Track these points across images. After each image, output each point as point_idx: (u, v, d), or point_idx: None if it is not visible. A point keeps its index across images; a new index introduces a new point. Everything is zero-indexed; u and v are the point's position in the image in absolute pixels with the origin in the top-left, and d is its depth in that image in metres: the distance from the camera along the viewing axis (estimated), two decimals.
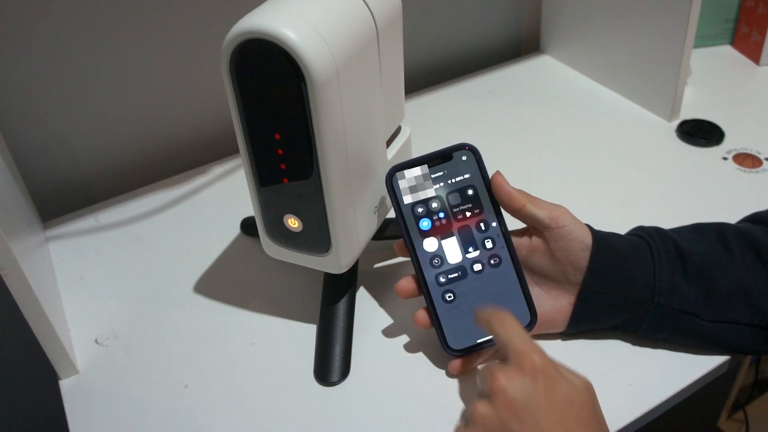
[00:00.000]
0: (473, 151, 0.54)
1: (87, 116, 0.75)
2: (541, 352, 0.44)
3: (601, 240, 0.52)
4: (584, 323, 0.54)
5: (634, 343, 0.55)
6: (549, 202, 0.53)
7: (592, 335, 0.56)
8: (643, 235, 0.54)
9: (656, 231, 0.55)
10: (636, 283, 0.52)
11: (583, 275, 0.52)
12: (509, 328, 0.46)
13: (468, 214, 0.54)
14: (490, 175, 0.54)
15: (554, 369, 0.44)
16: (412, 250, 0.54)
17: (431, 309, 0.53)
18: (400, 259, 0.66)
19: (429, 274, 0.54)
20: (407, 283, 0.54)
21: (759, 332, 0.52)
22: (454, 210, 0.54)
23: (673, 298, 0.51)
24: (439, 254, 0.54)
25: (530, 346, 0.44)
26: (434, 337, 0.54)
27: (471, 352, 0.54)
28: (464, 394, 0.53)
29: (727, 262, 0.52)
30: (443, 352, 0.53)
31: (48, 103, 0.73)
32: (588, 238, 0.52)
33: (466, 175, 0.54)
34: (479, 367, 0.54)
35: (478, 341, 0.53)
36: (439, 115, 0.88)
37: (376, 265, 0.65)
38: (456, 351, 0.53)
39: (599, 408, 0.45)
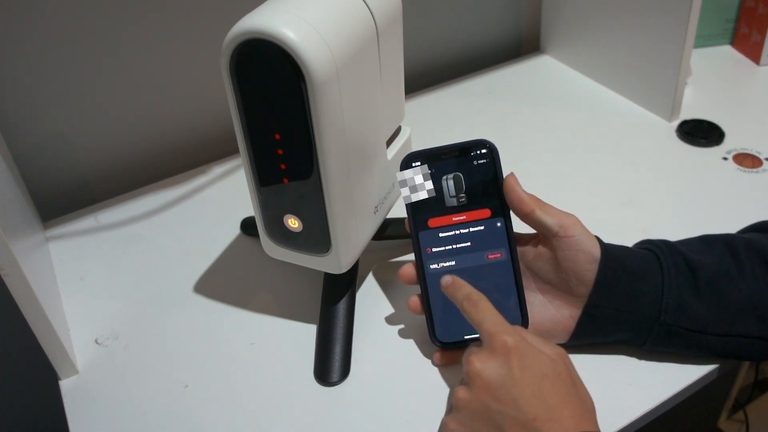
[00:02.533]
0: (491, 149, 0.54)
1: (87, 116, 0.75)
2: (513, 331, 0.46)
3: (610, 254, 0.51)
4: (587, 337, 0.53)
5: None
6: (560, 210, 0.52)
7: None
8: (653, 249, 0.53)
9: (665, 244, 0.54)
10: (643, 300, 0.51)
11: (588, 288, 0.51)
12: (480, 310, 0.48)
13: (476, 210, 0.54)
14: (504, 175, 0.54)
15: (526, 346, 0.45)
16: (415, 237, 0.54)
17: (425, 298, 0.54)
18: (401, 258, 0.66)
19: (427, 264, 0.54)
20: (410, 269, 0.55)
21: (766, 344, 0.51)
22: (463, 205, 0.54)
23: (680, 316, 0.51)
24: (440, 246, 0.54)
25: (501, 327, 0.46)
26: None
27: (457, 346, 0.54)
28: None
29: (737, 275, 0.51)
30: (430, 342, 0.54)
31: (48, 103, 0.73)
32: (596, 251, 0.51)
33: (481, 172, 0.54)
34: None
35: (466, 337, 0.53)
36: (439, 115, 0.88)
37: (376, 265, 0.65)
38: (442, 343, 0.54)
39: (576, 374, 0.46)
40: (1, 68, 0.68)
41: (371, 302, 0.62)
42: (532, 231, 0.54)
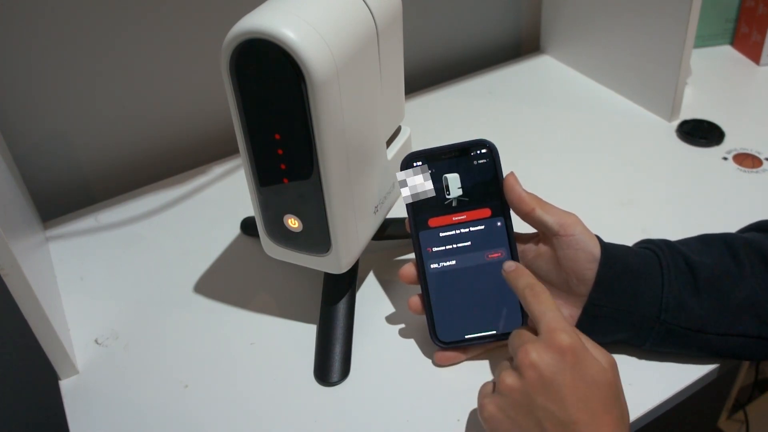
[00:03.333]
0: (491, 149, 0.54)
1: (87, 116, 0.75)
2: (572, 330, 0.45)
3: (610, 253, 0.51)
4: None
5: None
6: (560, 209, 0.52)
7: None
8: (653, 248, 0.53)
9: (665, 243, 0.54)
10: (643, 299, 0.51)
11: (588, 288, 0.51)
12: (542, 302, 0.47)
13: (476, 210, 0.54)
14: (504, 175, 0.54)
15: (583, 348, 0.44)
16: (415, 237, 0.54)
17: (425, 298, 0.54)
18: (401, 258, 0.66)
19: (428, 264, 0.54)
20: (411, 269, 0.55)
21: (766, 344, 0.51)
22: (463, 204, 0.54)
23: (681, 315, 0.51)
24: (441, 245, 0.54)
25: (561, 324, 0.45)
26: None
27: (458, 346, 0.54)
28: (464, 395, 0.53)
29: (737, 275, 0.51)
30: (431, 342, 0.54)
31: (48, 103, 0.73)
32: (596, 250, 0.51)
33: (481, 172, 0.54)
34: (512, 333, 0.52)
35: (467, 337, 0.53)
36: (439, 115, 0.88)
37: (376, 265, 0.65)
38: (443, 343, 0.54)
39: (621, 387, 0.46)
40: (1, 68, 0.68)
41: (371, 302, 0.62)
42: (532, 230, 0.54)
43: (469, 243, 0.54)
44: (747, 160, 0.75)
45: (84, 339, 0.60)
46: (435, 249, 0.54)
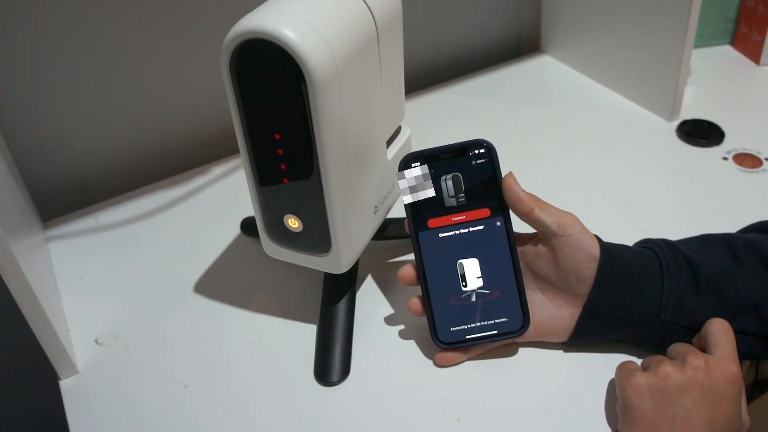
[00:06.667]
0: (489, 149, 0.54)
1: (87, 116, 0.75)
2: (739, 367, 0.47)
3: (610, 253, 0.51)
4: (588, 336, 0.53)
5: None
6: (559, 209, 0.52)
7: None
8: (653, 247, 0.53)
9: (665, 243, 0.54)
10: (643, 299, 0.51)
11: (588, 287, 0.51)
12: (727, 333, 0.49)
13: (475, 210, 0.54)
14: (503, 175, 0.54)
15: (741, 387, 0.48)
16: (415, 238, 0.54)
17: (426, 299, 0.54)
18: (401, 258, 0.66)
19: (428, 265, 0.54)
20: (410, 270, 0.55)
21: (764, 342, 0.51)
22: (462, 205, 0.54)
23: (681, 314, 0.51)
24: (440, 246, 0.54)
25: (735, 358, 0.48)
26: None
27: (459, 346, 0.54)
28: (465, 395, 0.53)
29: (738, 274, 0.51)
30: (432, 342, 0.54)
31: (48, 104, 0.73)
32: (595, 250, 0.51)
33: (479, 172, 0.54)
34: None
35: (468, 337, 0.53)
36: (439, 115, 0.88)
37: (376, 265, 0.65)
38: (445, 344, 0.54)
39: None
40: (1, 68, 0.68)
41: (371, 302, 0.62)
42: (532, 230, 0.54)
43: (467, 243, 0.54)
44: (747, 160, 0.75)
45: (84, 339, 0.60)
46: (434, 250, 0.54)
